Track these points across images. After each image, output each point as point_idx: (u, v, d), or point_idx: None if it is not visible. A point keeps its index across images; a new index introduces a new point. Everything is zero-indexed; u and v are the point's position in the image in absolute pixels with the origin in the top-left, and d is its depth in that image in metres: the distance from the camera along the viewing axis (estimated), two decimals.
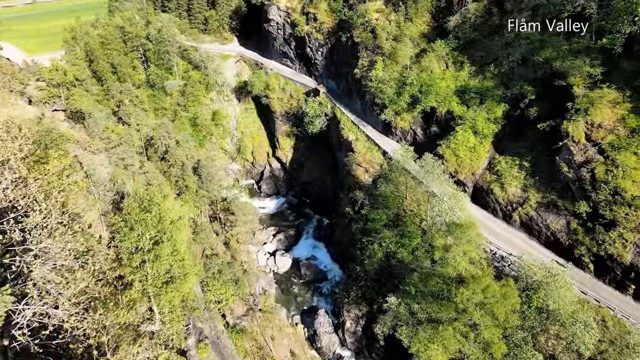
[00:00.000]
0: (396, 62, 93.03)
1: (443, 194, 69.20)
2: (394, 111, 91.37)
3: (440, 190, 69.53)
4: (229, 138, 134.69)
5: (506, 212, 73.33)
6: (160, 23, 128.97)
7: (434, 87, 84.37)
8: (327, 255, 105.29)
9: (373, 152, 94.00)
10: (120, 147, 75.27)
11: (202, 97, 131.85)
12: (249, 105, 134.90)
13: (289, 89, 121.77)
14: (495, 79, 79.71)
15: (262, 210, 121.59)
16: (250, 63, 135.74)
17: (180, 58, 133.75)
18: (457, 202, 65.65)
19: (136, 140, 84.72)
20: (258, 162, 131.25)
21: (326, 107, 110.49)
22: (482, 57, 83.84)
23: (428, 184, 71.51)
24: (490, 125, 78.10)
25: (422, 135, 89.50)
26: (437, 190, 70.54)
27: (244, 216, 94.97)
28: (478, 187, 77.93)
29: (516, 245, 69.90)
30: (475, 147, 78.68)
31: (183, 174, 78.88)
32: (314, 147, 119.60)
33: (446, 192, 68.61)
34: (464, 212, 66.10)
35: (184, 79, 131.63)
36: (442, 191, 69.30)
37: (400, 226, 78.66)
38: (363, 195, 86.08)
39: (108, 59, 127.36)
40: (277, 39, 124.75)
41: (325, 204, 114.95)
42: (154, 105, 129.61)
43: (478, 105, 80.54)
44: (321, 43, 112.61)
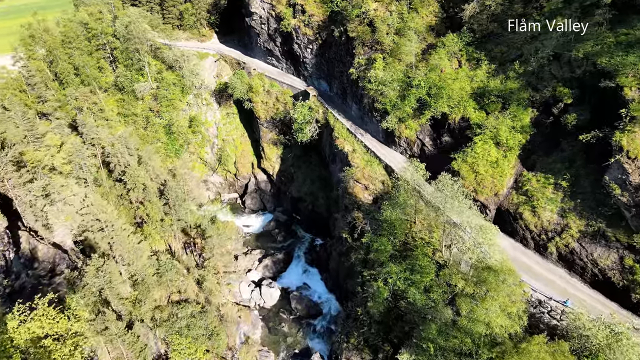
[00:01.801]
0: (399, 60, 79.26)
1: (466, 225, 55.63)
2: (397, 118, 77.65)
3: (463, 219, 55.94)
4: (208, 147, 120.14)
5: (539, 242, 60.09)
6: (128, 18, 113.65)
7: (446, 89, 70.81)
8: (321, 283, 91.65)
9: (373, 166, 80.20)
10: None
11: (178, 102, 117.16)
12: (231, 109, 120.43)
13: (275, 91, 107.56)
14: (520, 79, 66.29)
15: (246, 230, 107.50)
16: (232, 62, 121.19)
17: (152, 57, 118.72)
18: (485, 236, 51.99)
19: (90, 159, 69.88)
20: (241, 173, 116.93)
21: (317, 113, 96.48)
22: (503, 53, 70.36)
23: (444, 209, 57.93)
24: (516, 135, 64.74)
25: (432, 147, 75.89)
26: (458, 218, 56.97)
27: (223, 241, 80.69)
28: (503, 211, 64.54)
29: (554, 285, 56.78)
30: (499, 161, 65.25)
31: (145, 199, 64.54)
32: (305, 158, 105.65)
33: (470, 222, 55.03)
34: (492, 248, 52.46)
35: (157, 80, 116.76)
36: (465, 221, 55.70)
37: (409, 258, 65.16)
38: (363, 219, 72.30)
39: (70, 59, 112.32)
40: (261, 34, 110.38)
41: (318, 222, 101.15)
42: (124, 111, 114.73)
43: (500, 111, 67.17)
44: (310, 39, 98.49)
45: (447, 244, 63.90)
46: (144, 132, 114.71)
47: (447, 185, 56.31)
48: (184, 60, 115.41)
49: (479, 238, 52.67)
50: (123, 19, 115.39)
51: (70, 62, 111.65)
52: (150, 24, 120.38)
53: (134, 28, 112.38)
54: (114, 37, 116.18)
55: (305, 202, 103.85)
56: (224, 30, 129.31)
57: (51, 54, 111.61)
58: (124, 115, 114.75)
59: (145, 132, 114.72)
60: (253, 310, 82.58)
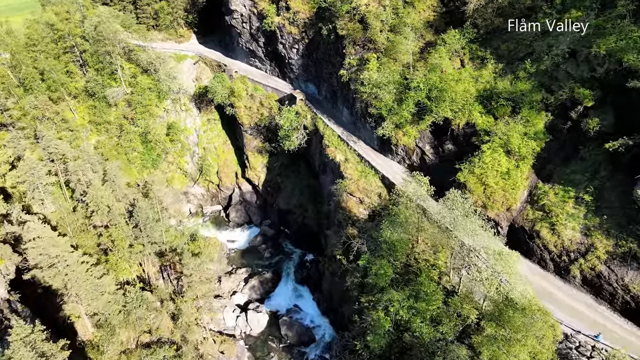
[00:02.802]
0: (394, 60, 71.87)
1: (481, 249, 48.33)
2: (394, 123, 70.22)
3: (476, 242, 48.61)
4: (188, 156, 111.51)
5: (560, 264, 53.11)
6: (98, 18, 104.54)
7: (448, 91, 63.50)
8: (314, 304, 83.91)
9: (368, 178, 72.63)
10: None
11: (154, 108, 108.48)
12: (212, 115, 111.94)
13: (259, 95, 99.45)
14: (532, 79, 59.28)
15: (230, 245, 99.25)
16: (212, 64, 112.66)
17: (125, 60, 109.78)
18: (505, 264, 44.60)
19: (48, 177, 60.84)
20: (225, 184, 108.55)
21: (305, 118, 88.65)
22: (511, 51, 63.31)
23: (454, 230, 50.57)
24: (529, 143, 57.69)
25: (433, 155, 68.57)
26: (470, 241, 49.63)
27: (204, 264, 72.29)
28: (517, 228, 57.44)
29: (579, 313, 49.91)
30: (510, 172, 58.11)
31: (111, 222, 56.09)
32: (293, 166, 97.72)
33: (485, 246, 47.73)
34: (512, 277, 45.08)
35: (131, 85, 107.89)
36: (479, 244, 48.39)
37: (412, 282, 57.81)
38: (359, 238, 64.63)
39: (35, 63, 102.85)
40: (243, 34, 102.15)
41: (308, 235, 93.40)
42: (95, 118, 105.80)
43: (510, 116, 60.08)
44: (296, 38, 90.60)
45: (455, 267, 56.65)
46: (117, 142, 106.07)
47: (458, 202, 48.88)
48: (159, 63, 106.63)
49: (496, 266, 45.28)
50: (92, 19, 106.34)
51: (35, 66, 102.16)
52: (123, 24, 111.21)
53: (104, 29, 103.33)
54: (82, 39, 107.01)
55: (294, 215, 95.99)
56: (203, 30, 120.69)
57: (14, 57, 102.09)
58: (96, 123, 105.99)
59: (120, 141, 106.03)
60: (238, 340, 74.40)
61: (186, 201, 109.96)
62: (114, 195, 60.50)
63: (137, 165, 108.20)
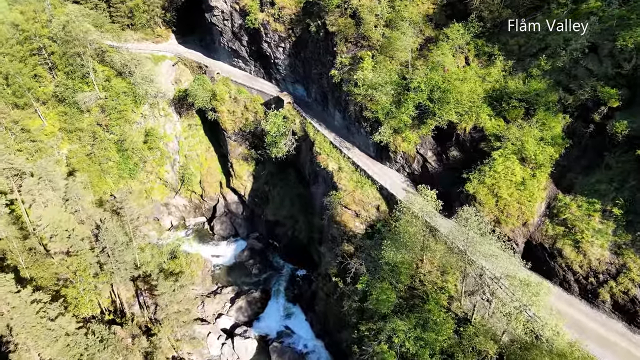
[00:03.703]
0: (391, 58, 65.18)
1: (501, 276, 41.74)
2: (392, 128, 63.52)
3: (495, 267, 42.03)
4: (168, 164, 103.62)
5: (587, 287, 46.77)
6: (67, 17, 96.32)
7: (452, 92, 57.01)
8: (306, 325, 77.05)
9: (365, 188, 65.78)
10: None
11: (130, 113, 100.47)
12: (194, 120, 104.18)
13: (243, 98, 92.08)
14: (547, 77, 52.97)
15: (215, 261, 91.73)
16: (192, 66, 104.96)
17: (98, 63, 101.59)
18: (533, 296, 38.00)
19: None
20: (208, 194, 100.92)
21: (293, 123, 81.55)
22: (522, 46, 56.94)
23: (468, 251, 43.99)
24: (546, 149, 51.41)
25: (436, 163, 61.97)
26: (488, 265, 43.08)
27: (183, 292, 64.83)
28: (535, 245, 51.01)
29: (611, 344, 43.49)
30: (526, 182, 51.72)
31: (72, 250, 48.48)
32: (281, 175, 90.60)
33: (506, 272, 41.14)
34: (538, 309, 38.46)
35: (105, 89, 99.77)
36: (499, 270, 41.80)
37: (417, 309, 51.17)
38: (356, 257, 57.76)
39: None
40: (224, 33, 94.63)
41: (299, 249, 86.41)
42: (67, 126, 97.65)
43: (523, 118, 53.70)
44: (282, 36, 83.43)
45: (468, 290, 50.12)
46: (91, 150, 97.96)
47: (473, 221, 42.21)
48: (134, 65, 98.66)
49: (521, 296, 38.66)
50: (60, 18, 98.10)
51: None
52: (95, 24, 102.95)
53: (73, 28, 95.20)
54: (50, 40, 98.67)
55: (283, 227, 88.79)
56: (182, 29, 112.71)
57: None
58: (67, 131, 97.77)
59: (93, 149, 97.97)
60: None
61: (167, 213, 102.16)
62: (76, 217, 52.83)
63: (113, 176, 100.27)
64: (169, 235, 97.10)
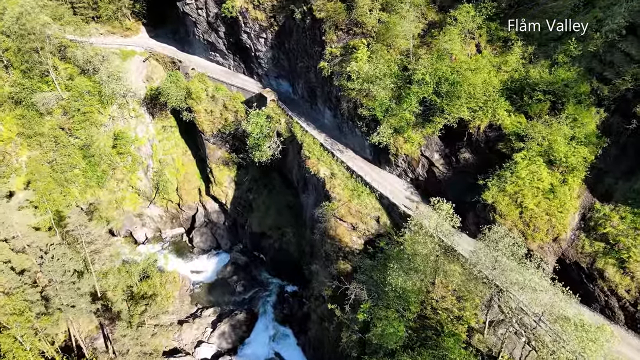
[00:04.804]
0: (389, 47, 56.64)
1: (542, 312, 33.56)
2: (392, 127, 55.02)
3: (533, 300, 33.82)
4: (141, 171, 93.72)
5: (635, 315, 38.90)
6: (21, 8, 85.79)
7: (463, 84, 48.65)
8: (298, 351, 68.55)
9: (362, 197, 57.20)
10: None
11: (97, 115, 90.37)
12: (168, 121, 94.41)
13: (222, 96, 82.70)
14: (576, 64, 44.95)
15: (195, 278, 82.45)
16: (165, 61, 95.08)
17: (59, 59, 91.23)
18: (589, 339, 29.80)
19: None
20: (186, 203, 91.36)
21: (278, 123, 72.58)
22: (544, 29, 48.77)
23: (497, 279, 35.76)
24: (579, 150, 43.44)
25: (444, 167, 53.63)
26: (523, 296, 34.87)
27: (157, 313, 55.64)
28: (568, 264, 43.04)
29: None
30: (555, 189, 43.71)
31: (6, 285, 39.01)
32: (265, 180, 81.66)
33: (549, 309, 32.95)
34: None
35: (68, 89, 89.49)
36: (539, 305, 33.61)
37: (430, 343, 42.99)
38: (356, 282, 49.11)
39: None
40: (199, 23, 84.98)
41: (288, 262, 77.51)
42: (25, 130, 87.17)
43: (549, 113, 45.61)
44: (263, 25, 74.25)
45: (492, 321, 41.99)
46: (53, 157, 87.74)
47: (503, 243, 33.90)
48: (99, 61, 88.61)
49: (573, 341, 30.46)
50: (14, 9, 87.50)
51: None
52: (54, 16, 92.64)
53: (28, 21, 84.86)
54: (4, 35, 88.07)
55: (269, 238, 79.79)
56: (153, 21, 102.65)
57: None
58: (26, 136, 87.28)
59: (55, 156, 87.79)
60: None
61: (141, 225, 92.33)
62: (9, 246, 43.29)
63: (80, 185, 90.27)
64: (142, 250, 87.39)
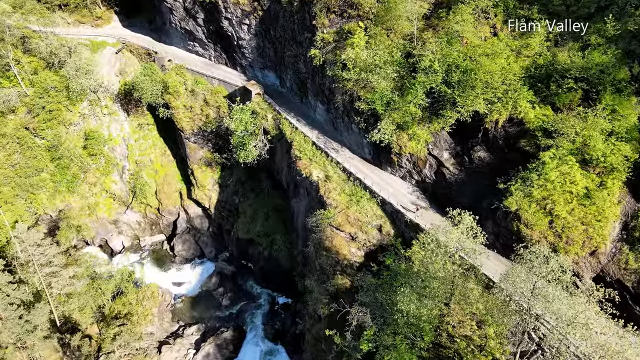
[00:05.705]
0: (389, 31, 49.55)
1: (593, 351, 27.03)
2: (394, 123, 48.09)
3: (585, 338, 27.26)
4: (116, 173, 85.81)
5: None
6: None
7: (478, 72, 41.76)
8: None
9: (362, 203, 50.26)
10: None
11: (65, 113, 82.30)
12: (144, 119, 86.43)
13: (202, 90, 75.06)
14: (612, 47, 38.24)
15: (177, 291, 75.27)
16: (140, 53, 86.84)
17: (22, 52, 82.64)
18: None
19: None
20: (167, 207, 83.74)
21: (265, 119, 65.22)
22: (571, 6, 42.01)
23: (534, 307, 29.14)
24: (620, 147, 36.95)
25: (455, 168, 46.86)
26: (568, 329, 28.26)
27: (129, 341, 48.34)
28: (610, 281, 36.57)
29: None
30: (591, 193, 37.22)
31: None
32: (252, 182, 74.51)
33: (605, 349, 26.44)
34: None
35: (33, 84, 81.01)
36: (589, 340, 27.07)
37: None
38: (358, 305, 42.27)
39: None
40: (175, 10, 76.98)
41: (278, 272, 70.57)
42: None
43: (581, 104, 38.96)
44: (246, 10, 66.62)
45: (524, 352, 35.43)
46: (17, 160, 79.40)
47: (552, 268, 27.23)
48: (66, 53, 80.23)
49: None
50: None
51: None
52: (14, 4, 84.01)
53: None
54: None
55: (258, 246, 72.71)
56: (127, 9, 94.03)
57: None
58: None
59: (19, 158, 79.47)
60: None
61: (117, 233, 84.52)
62: None
63: (48, 190, 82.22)
64: (118, 260, 79.77)
